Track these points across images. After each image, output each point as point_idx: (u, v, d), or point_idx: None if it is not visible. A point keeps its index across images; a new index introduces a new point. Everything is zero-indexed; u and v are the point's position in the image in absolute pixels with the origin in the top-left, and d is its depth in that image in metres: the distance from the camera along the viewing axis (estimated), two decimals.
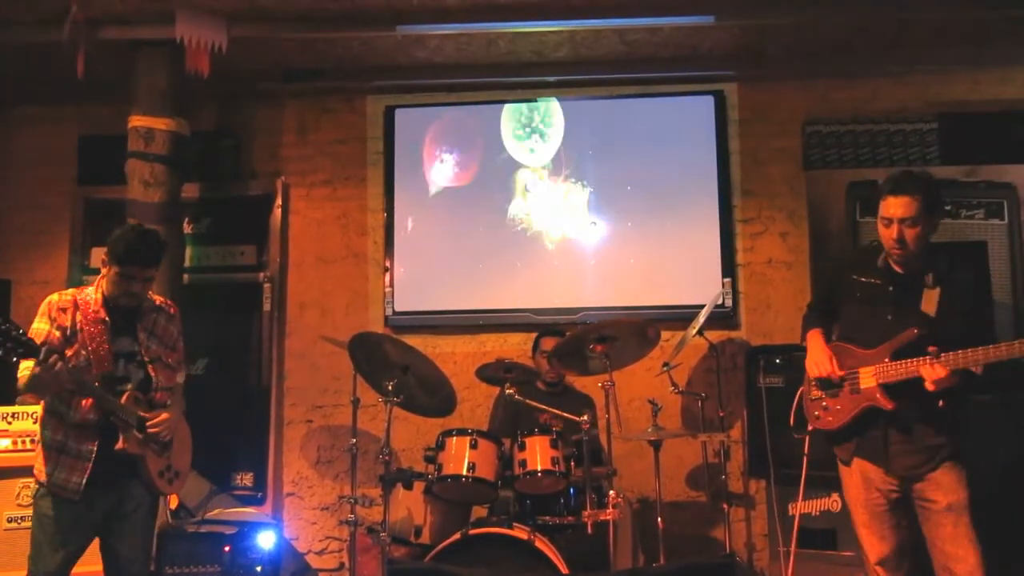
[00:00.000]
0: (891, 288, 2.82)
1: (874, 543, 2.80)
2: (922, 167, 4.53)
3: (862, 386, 2.80)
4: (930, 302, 2.76)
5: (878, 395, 2.74)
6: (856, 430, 2.83)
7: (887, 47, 4.48)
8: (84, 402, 2.71)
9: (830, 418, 2.87)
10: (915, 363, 2.67)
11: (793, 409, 3.06)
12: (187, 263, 4.64)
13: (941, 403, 2.69)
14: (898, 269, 2.83)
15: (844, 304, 2.96)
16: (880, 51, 4.52)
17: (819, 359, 2.91)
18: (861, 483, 2.82)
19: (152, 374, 2.86)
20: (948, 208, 4.45)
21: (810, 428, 2.97)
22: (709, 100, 4.74)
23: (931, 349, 2.63)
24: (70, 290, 2.87)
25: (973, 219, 4.50)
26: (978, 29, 4.26)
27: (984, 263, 4.30)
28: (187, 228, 4.72)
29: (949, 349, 2.61)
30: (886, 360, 2.75)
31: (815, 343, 2.98)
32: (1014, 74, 4.66)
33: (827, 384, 2.88)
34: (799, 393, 3.05)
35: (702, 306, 4.15)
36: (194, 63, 4.05)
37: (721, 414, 4.24)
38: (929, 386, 2.62)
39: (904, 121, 4.65)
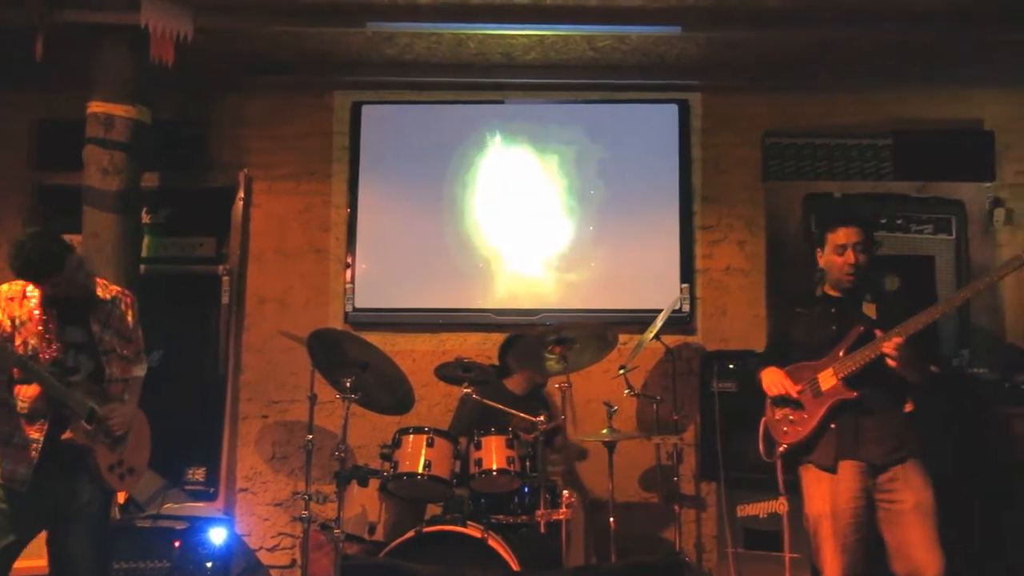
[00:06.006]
0: (832, 309, 3.02)
1: (836, 555, 2.81)
2: (876, 181, 4.70)
3: (823, 388, 2.91)
4: (870, 311, 2.97)
5: (841, 388, 2.87)
6: (826, 431, 2.91)
7: (846, 64, 4.58)
8: (27, 391, 2.65)
9: (799, 428, 2.95)
10: (869, 347, 2.82)
11: (760, 439, 3.10)
12: (144, 253, 4.55)
13: (909, 407, 2.88)
14: (835, 294, 3.05)
15: (794, 337, 3.11)
16: (839, 68, 4.62)
17: (774, 380, 3.02)
18: (829, 493, 2.86)
19: (105, 366, 2.81)
20: (899, 222, 4.62)
21: (781, 448, 2.99)
22: (673, 108, 4.81)
23: (877, 332, 2.83)
24: (21, 279, 2.81)
25: (922, 234, 4.64)
26: (932, 49, 4.38)
27: (931, 277, 4.46)
28: (145, 218, 4.62)
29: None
30: (840, 356, 2.90)
31: (768, 372, 3.08)
32: (966, 94, 4.81)
33: (786, 400, 2.99)
34: (763, 423, 3.10)
35: (660, 311, 4.21)
36: (159, 52, 3.98)
37: (675, 417, 4.30)
38: (891, 362, 2.75)
39: (860, 136, 4.76)
